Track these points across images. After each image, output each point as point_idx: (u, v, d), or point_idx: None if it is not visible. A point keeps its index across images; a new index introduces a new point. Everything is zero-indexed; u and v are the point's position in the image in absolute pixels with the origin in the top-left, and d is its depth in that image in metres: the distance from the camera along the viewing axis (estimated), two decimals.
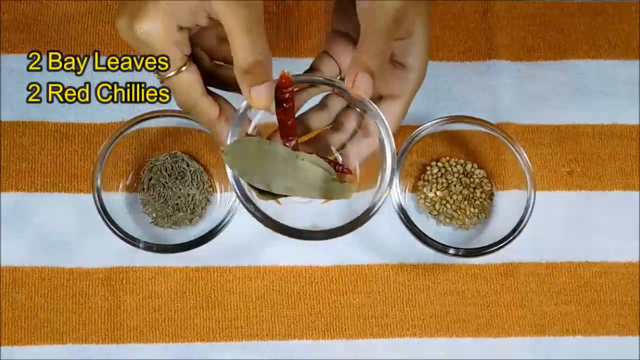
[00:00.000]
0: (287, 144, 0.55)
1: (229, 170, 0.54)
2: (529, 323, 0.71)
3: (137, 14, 0.50)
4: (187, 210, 0.70)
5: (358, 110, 0.57)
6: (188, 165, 0.71)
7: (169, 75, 0.52)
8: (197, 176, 0.71)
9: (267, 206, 0.55)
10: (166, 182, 0.70)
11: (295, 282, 0.71)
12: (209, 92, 0.55)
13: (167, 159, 0.71)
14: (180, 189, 0.70)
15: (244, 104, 0.54)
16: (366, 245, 0.72)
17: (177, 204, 0.70)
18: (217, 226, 0.66)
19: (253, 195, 0.55)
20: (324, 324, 0.71)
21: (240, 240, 0.71)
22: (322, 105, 0.58)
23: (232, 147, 0.54)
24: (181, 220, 0.70)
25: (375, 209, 0.55)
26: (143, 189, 0.71)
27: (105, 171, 0.67)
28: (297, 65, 0.76)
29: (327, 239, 0.55)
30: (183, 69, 0.52)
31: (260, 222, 0.54)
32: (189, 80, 0.53)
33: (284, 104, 0.53)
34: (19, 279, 0.70)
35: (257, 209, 0.54)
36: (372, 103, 0.55)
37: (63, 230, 0.71)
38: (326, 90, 0.57)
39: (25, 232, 0.70)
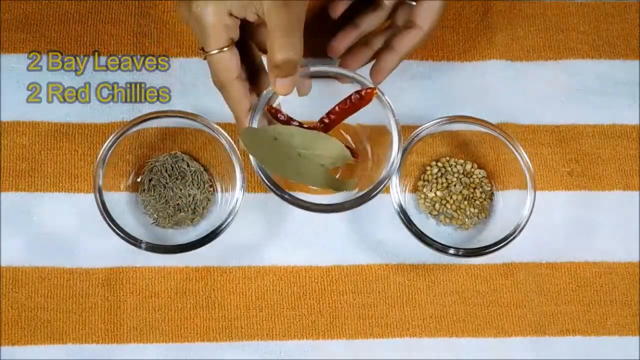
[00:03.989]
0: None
1: (252, 160, 0.62)
2: (529, 323, 0.71)
3: None
4: (188, 211, 0.70)
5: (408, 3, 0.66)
6: (188, 166, 0.71)
7: (210, 52, 0.57)
8: (197, 176, 0.71)
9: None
10: (167, 183, 0.70)
11: (295, 282, 0.71)
12: (255, 88, 0.62)
13: (167, 159, 0.71)
14: (181, 189, 0.70)
15: (265, 92, 0.62)
16: (366, 245, 0.72)
17: (178, 204, 0.70)
18: (219, 226, 0.66)
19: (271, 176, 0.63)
20: (324, 324, 0.71)
21: (240, 240, 0.71)
22: (375, 5, 0.66)
23: (247, 132, 0.61)
24: (182, 221, 0.70)
25: (382, 186, 0.63)
26: (144, 189, 0.71)
27: (106, 171, 0.67)
28: None
29: (334, 212, 0.64)
30: (225, 49, 0.57)
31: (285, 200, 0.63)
32: (226, 60, 0.58)
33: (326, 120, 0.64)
34: (19, 279, 0.70)
35: (283, 191, 0.63)
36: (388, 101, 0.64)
37: (63, 230, 0.71)
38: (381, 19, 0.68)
39: (25, 232, 0.70)
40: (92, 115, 0.73)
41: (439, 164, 0.73)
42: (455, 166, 0.73)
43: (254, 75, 0.63)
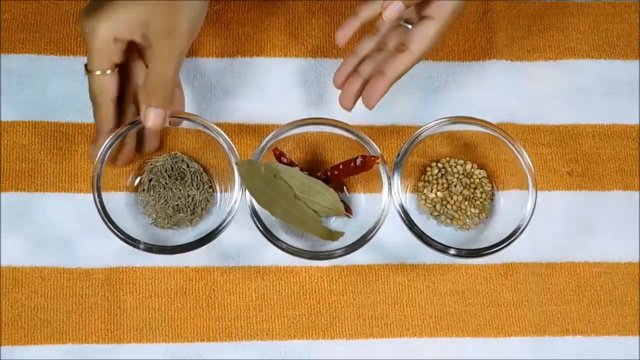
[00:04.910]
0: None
1: (247, 197, 0.65)
2: (529, 323, 0.71)
3: (89, 14, 0.59)
4: (187, 211, 0.70)
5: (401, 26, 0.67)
6: (188, 166, 0.71)
7: (94, 72, 0.61)
8: (197, 177, 0.71)
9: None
10: (166, 183, 0.70)
11: (295, 282, 0.71)
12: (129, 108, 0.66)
13: (167, 159, 0.71)
14: (180, 190, 0.70)
15: (275, 131, 0.66)
16: (366, 245, 0.72)
17: (177, 204, 0.70)
18: (217, 227, 0.66)
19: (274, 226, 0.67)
20: (324, 324, 0.71)
21: (240, 240, 0.71)
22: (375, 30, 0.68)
23: (246, 164, 0.64)
24: (181, 221, 0.70)
25: (371, 236, 0.66)
26: (143, 189, 0.71)
27: (106, 171, 0.66)
28: (298, 65, 0.76)
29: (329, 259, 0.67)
30: (108, 72, 0.61)
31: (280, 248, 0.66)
32: (104, 83, 0.62)
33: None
34: (19, 279, 0.69)
35: (275, 237, 0.66)
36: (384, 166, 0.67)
37: (63, 230, 0.70)
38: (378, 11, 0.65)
39: (26, 232, 0.70)
40: (92, 115, 0.72)
41: (439, 165, 0.73)
42: (456, 166, 0.73)
43: (130, 96, 0.66)
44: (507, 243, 0.67)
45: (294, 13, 0.77)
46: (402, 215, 0.67)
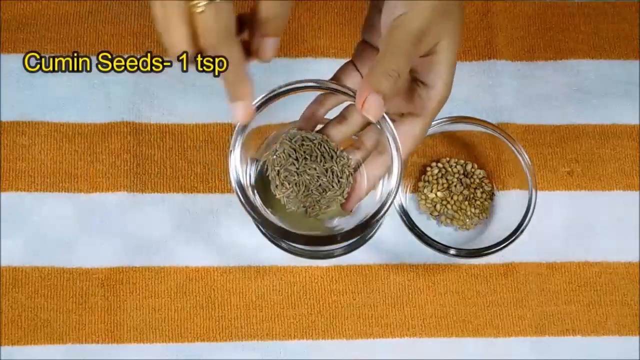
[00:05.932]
0: None
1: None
2: (529, 323, 0.71)
3: None
4: (334, 186, 0.58)
5: (378, 126, 0.55)
6: (310, 140, 0.59)
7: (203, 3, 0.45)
8: (324, 147, 0.59)
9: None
10: (297, 169, 0.58)
11: (295, 282, 0.71)
12: None
13: (284, 144, 0.58)
14: (316, 169, 0.58)
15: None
16: (366, 245, 0.72)
17: (320, 184, 0.58)
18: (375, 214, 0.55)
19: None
20: (324, 324, 0.71)
21: (240, 240, 0.71)
22: (341, 117, 0.58)
23: None
24: (333, 199, 0.59)
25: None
26: (276, 187, 0.59)
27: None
28: (297, 66, 0.76)
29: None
30: None
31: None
32: (227, 9, 0.46)
33: None
34: (19, 279, 0.69)
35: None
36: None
37: (63, 230, 0.70)
38: (344, 100, 0.57)
39: (25, 232, 0.70)
40: (92, 115, 0.73)
41: (440, 165, 0.73)
42: (456, 166, 0.73)
43: None
44: (507, 243, 0.67)
45: (294, 13, 0.77)
46: (402, 215, 0.67)
